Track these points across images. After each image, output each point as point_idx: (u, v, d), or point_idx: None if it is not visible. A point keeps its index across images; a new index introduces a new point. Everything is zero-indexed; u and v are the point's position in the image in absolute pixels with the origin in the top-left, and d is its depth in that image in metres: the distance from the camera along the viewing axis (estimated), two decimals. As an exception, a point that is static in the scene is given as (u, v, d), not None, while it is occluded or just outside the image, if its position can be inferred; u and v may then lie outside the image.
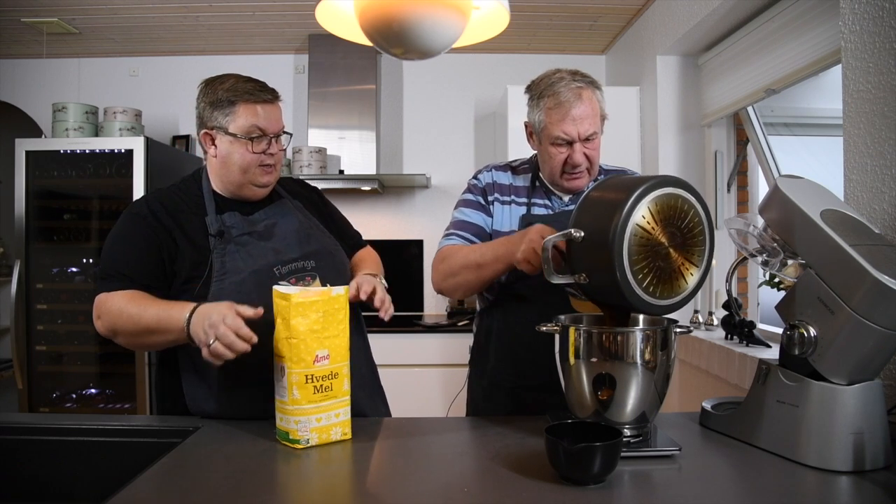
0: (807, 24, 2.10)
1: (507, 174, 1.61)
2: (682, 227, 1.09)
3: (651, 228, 1.07)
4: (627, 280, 1.05)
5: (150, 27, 3.41)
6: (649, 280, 1.07)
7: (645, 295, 1.07)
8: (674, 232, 1.09)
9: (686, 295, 1.12)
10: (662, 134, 2.97)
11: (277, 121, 1.41)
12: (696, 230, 1.11)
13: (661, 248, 1.08)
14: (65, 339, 3.22)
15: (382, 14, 1.05)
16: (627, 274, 1.05)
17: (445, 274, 1.49)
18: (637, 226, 1.05)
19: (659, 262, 1.08)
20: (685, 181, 1.12)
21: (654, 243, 1.07)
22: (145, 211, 1.36)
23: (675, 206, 1.09)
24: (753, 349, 2.08)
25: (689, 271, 1.11)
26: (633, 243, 1.05)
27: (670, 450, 1.08)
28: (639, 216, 1.05)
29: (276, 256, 1.38)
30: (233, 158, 1.38)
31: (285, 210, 1.48)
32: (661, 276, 1.08)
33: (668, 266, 1.09)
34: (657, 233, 1.07)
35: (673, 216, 1.09)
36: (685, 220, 1.10)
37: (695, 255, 1.11)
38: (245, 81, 1.39)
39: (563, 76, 1.47)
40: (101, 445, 1.26)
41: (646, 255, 1.06)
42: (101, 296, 1.32)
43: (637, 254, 1.05)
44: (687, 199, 1.10)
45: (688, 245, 1.10)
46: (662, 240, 1.08)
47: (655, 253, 1.07)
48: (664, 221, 1.08)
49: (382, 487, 1.00)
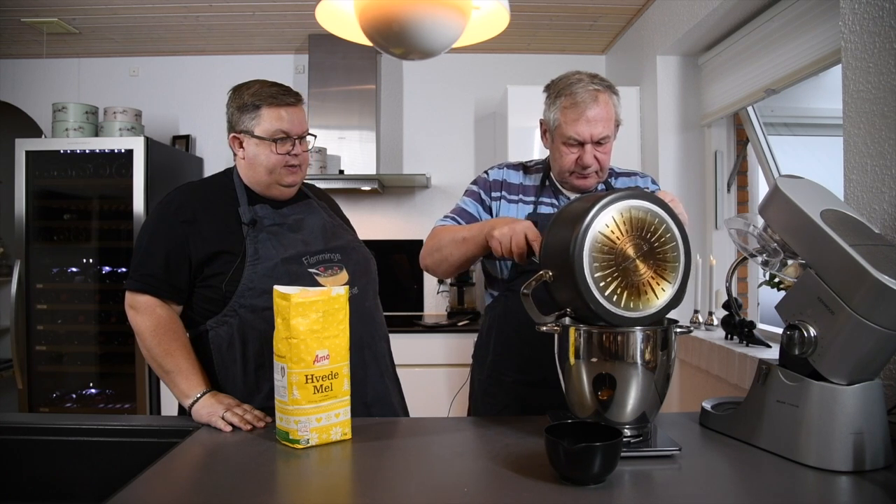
0: (807, 24, 2.10)
1: (519, 173, 1.62)
2: (649, 239, 1.10)
3: (615, 240, 1.08)
4: (595, 297, 1.06)
5: (150, 27, 3.41)
6: (618, 294, 1.07)
7: (621, 311, 1.07)
8: (639, 244, 1.09)
9: (658, 310, 1.10)
10: (662, 134, 2.97)
11: (301, 123, 1.47)
12: (668, 246, 1.11)
13: (628, 261, 1.08)
14: (65, 339, 3.22)
15: (382, 14, 1.05)
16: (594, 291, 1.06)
17: (431, 248, 1.53)
18: (600, 233, 1.07)
19: (630, 276, 1.08)
20: (649, 193, 1.13)
21: (620, 256, 1.08)
22: (174, 208, 1.43)
23: (644, 220, 1.10)
24: (753, 349, 2.08)
25: (661, 285, 1.11)
26: (598, 254, 1.06)
27: (670, 450, 1.08)
28: (603, 224, 1.07)
29: (305, 247, 1.45)
30: (259, 160, 1.44)
31: (312, 208, 1.55)
32: (632, 288, 1.09)
33: (637, 279, 1.09)
34: (622, 244, 1.08)
35: (641, 228, 1.09)
36: (654, 235, 1.10)
37: (667, 270, 1.11)
38: (270, 86, 1.46)
39: (582, 78, 1.48)
40: (101, 445, 1.26)
41: (613, 270, 1.07)
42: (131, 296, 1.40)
43: (603, 269, 1.07)
44: (658, 214, 1.11)
45: (658, 259, 1.10)
46: (629, 252, 1.08)
47: (624, 268, 1.08)
48: (630, 233, 1.09)
49: (382, 487, 1.00)
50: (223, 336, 1.39)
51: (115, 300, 3.18)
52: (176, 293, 1.40)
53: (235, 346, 1.38)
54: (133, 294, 1.39)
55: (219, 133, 3.62)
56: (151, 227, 1.43)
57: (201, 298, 1.41)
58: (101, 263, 3.24)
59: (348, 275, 1.47)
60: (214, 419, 1.26)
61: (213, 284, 1.39)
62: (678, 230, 1.12)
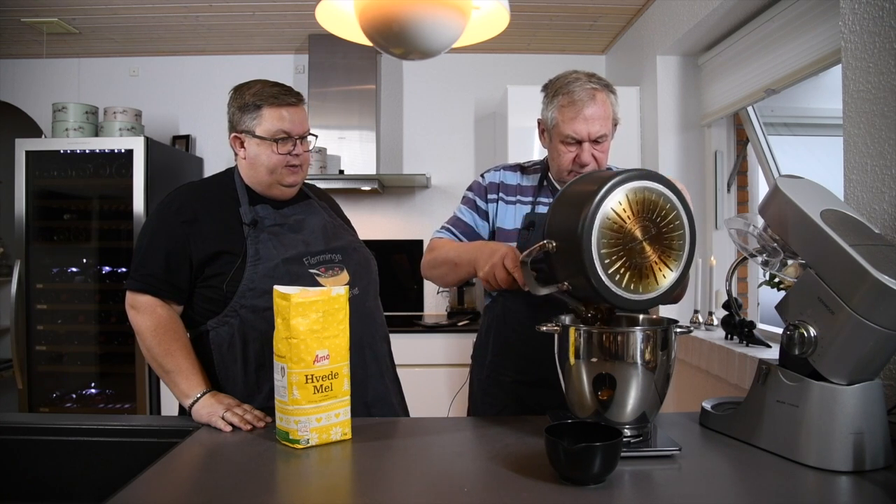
0: (807, 24, 2.10)
1: (517, 174, 1.62)
2: (658, 223, 1.09)
3: (626, 218, 1.06)
4: (600, 278, 1.05)
5: (150, 27, 3.41)
6: (621, 273, 1.06)
7: (624, 292, 1.07)
8: (647, 225, 1.08)
9: (660, 294, 1.10)
10: (662, 134, 2.97)
11: (302, 123, 1.47)
12: (674, 223, 1.10)
13: (635, 242, 1.07)
14: (65, 339, 3.22)
15: (382, 14, 1.05)
16: (600, 272, 1.05)
17: (429, 264, 1.58)
18: (612, 210, 1.05)
19: (635, 258, 1.07)
20: (658, 174, 1.11)
21: (627, 238, 1.06)
22: (174, 208, 1.43)
23: (648, 200, 1.08)
24: (753, 349, 2.08)
25: (663, 271, 1.10)
26: (605, 236, 1.05)
27: (670, 450, 1.08)
28: (614, 202, 1.06)
29: (306, 248, 1.45)
30: (260, 160, 1.44)
31: (313, 209, 1.55)
32: (634, 269, 1.07)
33: (643, 261, 1.08)
34: (630, 226, 1.07)
35: (650, 210, 1.08)
36: (663, 217, 1.09)
37: (672, 254, 1.10)
38: (271, 86, 1.45)
39: (580, 77, 1.48)
40: (101, 445, 1.26)
41: (620, 251, 1.06)
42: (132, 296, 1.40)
43: (610, 252, 1.05)
44: (660, 191, 1.09)
45: (664, 242, 1.09)
46: (636, 233, 1.07)
47: (630, 249, 1.07)
48: (638, 215, 1.07)
49: (382, 487, 1.00)
50: (224, 336, 1.39)
51: (115, 300, 3.18)
52: (176, 293, 1.40)
53: (236, 346, 1.38)
54: (133, 294, 1.40)
55: (219, 133, 3.62)
56: (152, 227, 1.44)
57: (202, 298, 1.41)
58: (101, 263, 3.24)
59: (349, 275, 1.47)
60: (214, 419, 1.26)
61: (214, 285, 1.39)
62: (687, 218, 1.11)
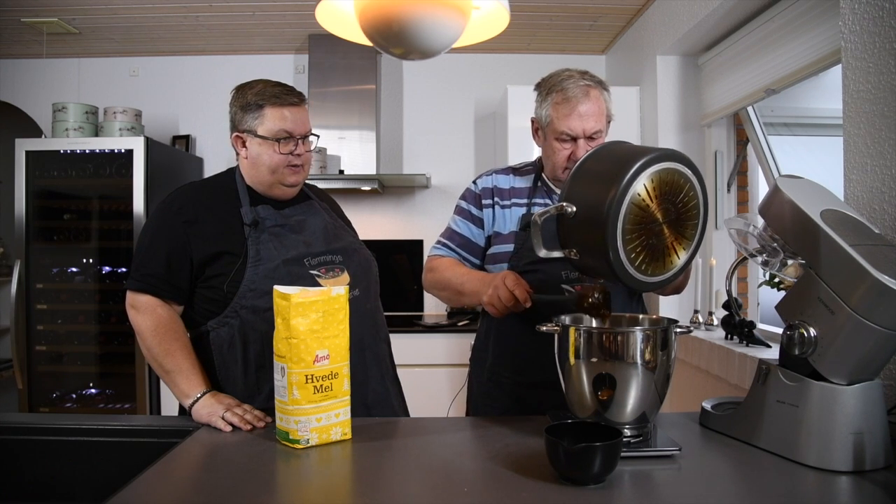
0: (807, 24, 2.10)
1: (509, 177, 1.62)
2: (677, 204, 1.08)
3: (648, 204, 1.06)
4: (619, 257, 1.04)
5: (150, 27, 3.41)
6: (637, 252, 1.06)
7: (636, 272, 1.07)
8: (669, 208, 1.08)
9: (673, 273, 1.11)
10: (662, 134, 2.97)
11: (304, 123, 1.46)
12: (691, 205, 1.10)
13: (655, 224, 1.07)
14: (65, 339, 3.22)
15: (382, 14, 1.04)
16: (620, 251, 1.04)
17: (432, 285, 1.61)
18: (642, 189, 1.04)
19: (652, 239, 1.07)
20: (684, 155, 1.10)
21: (649, 219, 1.06)
22: (175, 208, 1.43)
23: (673, 182, 1.08)
24: (753, 349, 2.08)
25: (672, 256, 1.10)
26: (629, 218, 1.04)
27: (670, 450, 1.08)
28: (640, 187, 1.04)
29: (307, 248, 1.45)
30: (262, 159, 1.44)
31: (314, 209, 1.55)
32: (653, 253, 1.07)
33: (660, 243, 1.08)
34: (653, 208, 1.06)
35: (670, 192, 1.08)
36: (681, 196, 1.08)
37: (686, 231, 1.10)
38: (273, 86, 1.45)
39: (573, 74, 1.49)
40: (101, 445, 1.26)
41: (639, 232, 1.05)
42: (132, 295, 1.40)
43: (631, 232, 1.05)
44: (684, 173, 1.09)
45: (681, 222, 1.09)
46: (658, 216, 1.07)
47: (649, 229, 1.06)
48: (661, 197, 1.07)
49: (382, 487, 1.00)
50: (224, 337, 1.39)
51: (115, 300, 3.18)
52: (177, 293, 1.40)
53: (236, 346, 1.38)
54: (134, 294, 1.40)
55: (219, 133, 3.62)
56: (153, 227, 1.44)
57: (202, 299, 1.41)
58: (101, 263, 3.24)
59: (350, 276, 1.47)
60: (214, 419, 1.26)
61: (215, 285, 1.39)
62: (699, 186, 1.11)
